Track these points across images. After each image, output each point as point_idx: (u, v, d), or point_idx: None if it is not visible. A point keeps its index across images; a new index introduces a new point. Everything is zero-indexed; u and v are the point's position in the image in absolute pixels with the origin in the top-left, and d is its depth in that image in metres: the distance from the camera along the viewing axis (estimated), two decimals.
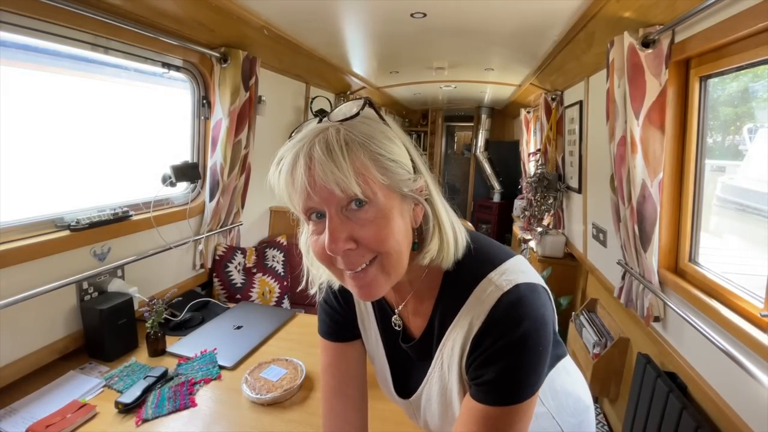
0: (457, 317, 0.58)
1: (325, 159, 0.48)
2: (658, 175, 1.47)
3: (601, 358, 1.96)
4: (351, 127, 0.51)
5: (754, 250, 1.39)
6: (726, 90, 1.46)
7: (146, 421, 1.05)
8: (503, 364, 0.53)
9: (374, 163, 0.51)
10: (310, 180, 0.50)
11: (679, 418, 1.29)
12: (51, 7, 1.13)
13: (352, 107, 0.54)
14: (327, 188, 0.49)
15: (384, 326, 0.71)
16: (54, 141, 1.39)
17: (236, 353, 1.35)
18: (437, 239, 0.57)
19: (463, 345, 0.57)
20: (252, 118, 1.97)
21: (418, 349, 0.66)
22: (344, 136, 0.50)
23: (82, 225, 1.33)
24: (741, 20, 1.09)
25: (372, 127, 0.53)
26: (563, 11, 1.64)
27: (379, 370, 0.76)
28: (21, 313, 1.18)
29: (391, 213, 0.52)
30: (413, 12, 1.72)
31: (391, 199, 0.53)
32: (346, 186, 0.49)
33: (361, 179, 0.49)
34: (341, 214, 0.52)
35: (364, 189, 0.50)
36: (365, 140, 0.51)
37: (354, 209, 0.51)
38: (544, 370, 0.55)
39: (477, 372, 0.55)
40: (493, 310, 0.54)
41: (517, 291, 0.54)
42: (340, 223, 0.51)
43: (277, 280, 2.21)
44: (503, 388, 0.53)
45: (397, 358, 0.72)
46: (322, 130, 0.51)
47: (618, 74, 1.54)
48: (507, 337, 0.52)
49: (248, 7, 1.59)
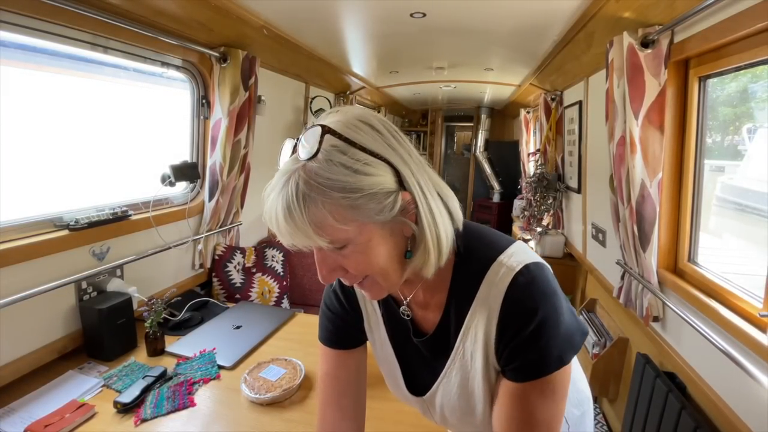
0: (474, 303, 0.60)
1: (286, 223, 0.50)
2: (658, 175, 1.47)
3: (601, 358, 1.96)
4: (311, 173, 0.49)
5: (753, 250, 1.39)
6: (725, 90, 1.46)
7: (145, 420, 1.05)
8: (537, 344, 0.55)
9: (338, 210, 0.50)
10: (282, 234, 0.52)
11: (678, 418, 1.29)
12: (50, 7, 1.12)
13: (312, 141, 0.51)
14: (299, 244, 0.52)
15: (392, 325, 0.71)
16: (53, 141, 1.39)
17: (235, 353, 1.35)
18: (421, 253, 0.57)
19: (486, 330, 0.59)
20: (251, 117, 1.97)
21: (432, 343, 0.66)
22: (302, 190, 0.49)
23: (81, 224, 1.33)
24: (740, 20, 1.09)
25: (333, 165, 0.50)
26: (563, 11, 1.64)
27: (388, 372, 0.75)
28: (20, 312, 1.18)
29: (369, 244, 0.53)
30: (413, 12, 1.72)
31: (367, 232, 0.53)
32: (312, 242, 0.51)
33: (326, 232, 0.50)
34: (322, 252, 0.55)
35: (332, 239, 0.51)
36: (324, 189, 0.49)
37: (333, 248, 0.53)
38: (574, 332, 0.58)
39: (512, 356, 0.57)
40: (510, 290, 0.56)
41: (528, 270, 0.56)
42: (323, 258, 0.55)
43: (277, 280, 2.21)
44: (544, 362, 0.56)
45: (407, 356, 0.72)
46: (287, 180, 0.50)
47: (617, 74, 1.54)
48: (531, 319, 0.54)
49: (248, 7, 1.59)
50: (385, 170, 0.53)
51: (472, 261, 0.60)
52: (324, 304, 0.76)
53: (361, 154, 0.51)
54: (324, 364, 0.75)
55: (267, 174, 0.58)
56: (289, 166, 0.52)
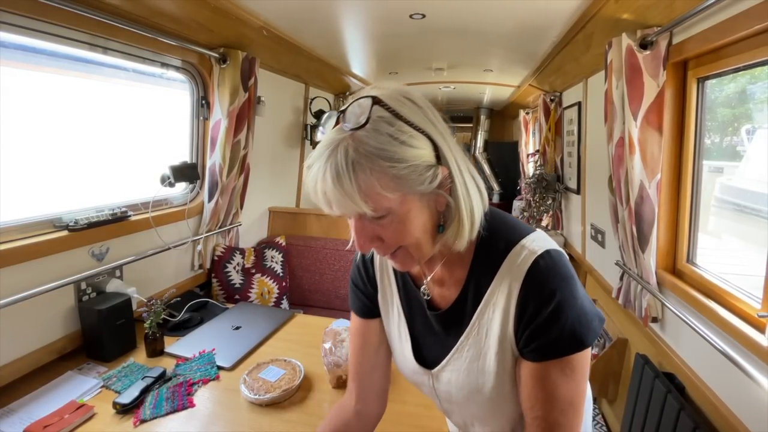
0: (494, 282, 0.62)
1: (334, 187, 0.51)
2: (656, 176, 1.47)
3: (600, 359, 1.96)
4: (359, 141, 0.51)
5: (752, 251, 1.39)
6: (724, 91, 1.47)
7: (144, 421, 1.05)
8: (556, 324, 0.57)
9: (384, 179, 0.52)
10: (327, 201, 0.54)
11: (677, 419, 1.29)
12: (49, 7, 1.12)
13: (360, 112, 0.53)
14: (342, 210, 0.54)
15: (407, 299, 0.74)
16: (52, 141, 1.39)
17: (235, 354, 1.35)
18: (455, 226, 0.59)
19: (505, 308, 0.61)
20: (251, 118, 1.97)
21: (446, 318, 0.68)
22: (352, 157, 0.51)
23: (81, 225, 1.33)
24: (738, 22, 1.09)
25: (381, 135, 0.52)
26: (562, 12, 1.65)
27: (398, 345, 0.77)
28: (19, 313, 1.18)
29: (407, 215, 0.56)
30: (412, 13, 1.72)
31: (406, 203, 0.55)
32: (357, 208, 0.53)
33: (371, 199, 0.52)
34: (362, 221, 0.57)
35: (375, 206, 0.53)
36: (373, 157, 0.51)
37: (372, 218, 0.55)
38: (592, 317, 0.60)
39: (532, 338, 0.59)
40: (531, 272, 0.58)
41: (549, 255, 0.59)
42: (362, 227, 0.57)
43: (276, 281, 2.20)
44: (563, 342, 0.57)
45: (418, 330, 0.73)
46: (333, 149, 0.52)
47: (616, 75, 1.55)
48: (550, 300, 0.57)
49: (247, 8, 1.59)
50: (426, 144, 0.55)
51: (495, 242, 0.62)
52: (350, 279, 0.83)
53: (406, 126, 0.54)
54: (352, 325, 0.84)
55: (267, 174, 0.58)
56: (334, 135, 0.53)
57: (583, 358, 0.59)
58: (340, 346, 1.20)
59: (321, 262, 2.34)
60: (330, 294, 2.32)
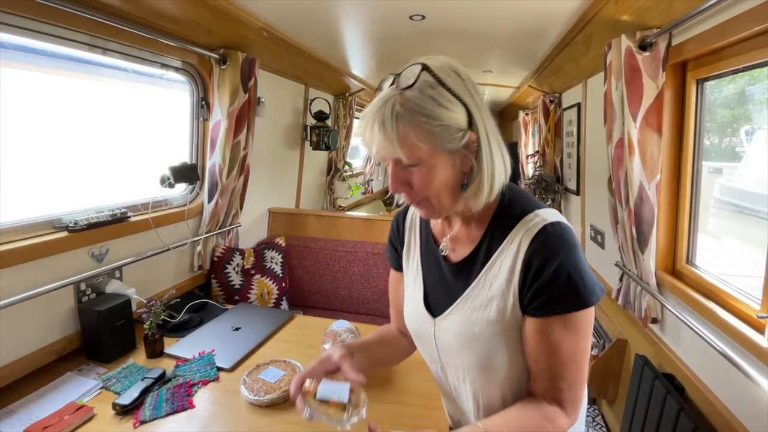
0: (505, 242, 0.69)
1: (379, 134, 0.63)
2: (656, 177, 1.48)
3: (599, 360, 1.96)
4: (405, 99, 0.63)
5: (751, 252, 1.39)
6: (723, 92, 1.47)
7: (144, 422, 1.04)
8: (558, 282, 0.63)
9: (419, 132, 0.62)
10: (371, 144, 0.65)
11: (676, 420, 1.29)
12: (49, 8, 1.12)
13: (411, 75, 0.64)
14: (382, 152, 0.65)
15: (426, 254, 0.83)
16: (52, 142, 1.39)
17: (234, 355, 1.35)
18: (475, 185, 0.67)
19: (511, 265, 0.68)
20: (251, 119, 1.97)
21: (457, 270, 0.75)
22: (397, 110, 0.62)
23: (81, 226, 1.33)
24: (737, 23, 1.10)
25: (424, 96, 0.63)
26: (561, 14, 1.65)
27: (411, 293, 0.85)
28: (18, 314, 1.17)
29: (435, 168, 0.65)
30: (412, 14, 1.73)
31: (436, 156, 0.65)
32: (394, 153, 0.64)
33: (406, 147, 0.63)
34: (398, 166, 0.67)
35: (409, 154, 0.64)
36: (414, 112, 0.62)
37: (405, 165, 0.66)
38: (594, 283, 0.66)
39: (536, 295, 0.65)
40: (539, 235, 0.65)
41: (558, 224, 0.66)
42: (397, 173, 0.67)
43: (276, 282, 2.20)
44: (565, 299, 0.64)
45: (432, 281, 0.81)
46: (384, 102, 0.63)
47: (615, 77, 1.55)
48: (554, 260, 0.63)
49: (247, 9, 1.60)
50: (461, 111, 0.65)
51: (511, 209, 0.71)
52: (388, 236, 0.94)
53: (446, 92, 0.64)
54: (390, 276, 0.96)
55: (267, 175, 0.59)
56: (388, 93, 0.65)
57: (585, 316, 0.65)
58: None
59: (321, 262, 2.34)
60: (330, 295, 2.32)
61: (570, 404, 0.68)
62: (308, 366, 0.74)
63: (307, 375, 0.73)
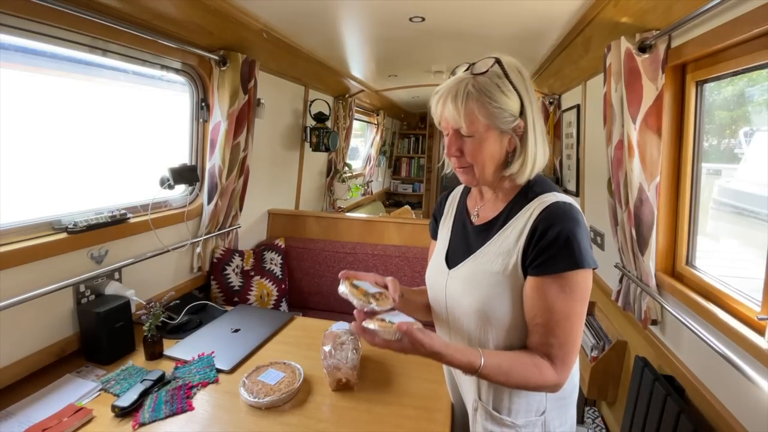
0: (522, 211, 0.82)
1: (451, 105, 0.79)
2: (655, 179, 1.48)
3: (599, 361, 1.96)
4: (476, 81, 0.78)
5: (751, 253, 1.39)
6: (721, 94, 1.47)
7: (143, 425, 1.04)
8: (557, 244, 0.74)
9: (482, 109, 0.78)
10: (441, 113, 0.82)
11: (676, 422, 1.29)
12: (49, 10, 1.13)
13: (484, 65, 0.80)
14: (449, 121, 0.81)
15: (457, 220, 0.98)
16: (52, 143, 1.39)
17: (234, 356, 1.35)
18: (517, 165, 0.82)
19: (521, 229, 0.80)
20: (251, 120, 1.97)
21: (479, 230, 0.89)
22: (468, 90, 0.77)
23: (80, 227, 1.33)
24: (737, 26, 1.10)
25: (491, 83, 0.78)
26: (561, 16, 1.65)
27: (437, 253, 0.99)
28: (17, 315, 1.17)
29: (486, 141, 0.80)
30: (412, 16, 1.73)
31: (489, 132, 0.80)
32: (458, 123, 0.79)
33: (469, 120, 0.78)
34: (456, 135, 0.82)
35: (469, 126, 0.79)
36: (481, 93, 0.77)
37: (463, 135, 0.81)
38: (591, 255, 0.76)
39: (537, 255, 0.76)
40: (550, 206, 0.78)
41: (571, 205, 0.78)
42: (455, 140, 0.82)
43: (275, 283, 2.20)
44: (562, 259, 0.74)
45: (454, 243, 0.95)
46: (458, 82, 0.79)
47: (615, 78, 1.55)
48: (555, 227, 0.74)
49: (247, 10, 1.60)
50: (516, 101, 0.80)
51: (534, 187, 0.84)
52: (432, 212, 1.09)
53: (509, 84, 0.79)
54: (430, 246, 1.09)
55: (266, 176, 0.59)
56: (462, 75, 0.80)
57: (579, 280, 0.75)
58: (339, 349, 1.20)
59: (320, 264, 2.34)
60: (329, 296, 2.31)
61: (560, 362, 0.76)
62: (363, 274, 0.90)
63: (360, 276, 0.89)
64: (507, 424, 0.87)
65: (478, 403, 0.91)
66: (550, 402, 0.87)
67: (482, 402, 0.90)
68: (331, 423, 1.06)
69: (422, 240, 2.34)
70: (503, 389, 0.86)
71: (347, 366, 1.17)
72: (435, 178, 6.60)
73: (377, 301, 0.81)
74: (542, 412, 0.87)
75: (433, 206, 1.08)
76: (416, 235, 2.37)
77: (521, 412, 0.86)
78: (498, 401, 0.87)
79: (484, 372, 0.75)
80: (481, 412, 0.91)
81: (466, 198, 0.99)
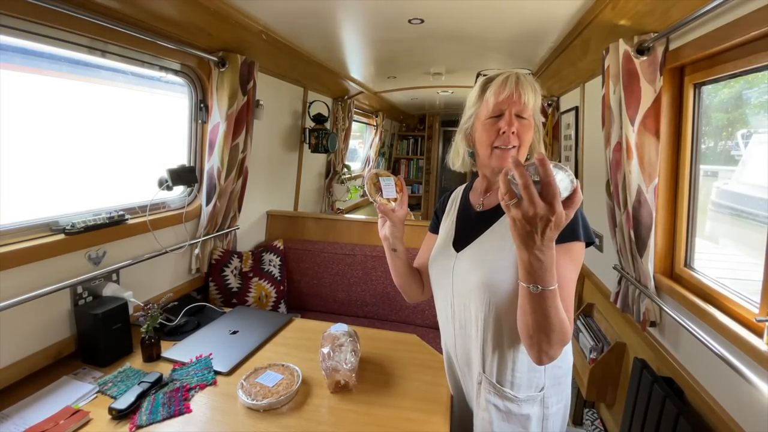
0: None
1: (530, 91, 0.90)
2: (654, 181, 1.48)
3: (598, 363, 1.96)
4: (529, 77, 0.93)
5: (749, 255, 1.39)
6: (718, 96, 1.48)
7: (140, 427, 1.03)
8: None
9: (538, 102, 0.93)
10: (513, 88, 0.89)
11: (675, 423, 1.29)
12: (48, 11, 1.12)
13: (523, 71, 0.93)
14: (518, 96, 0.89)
15: (462, 211, 1.07)
16: (50, 144, 1.39)
17: (232, 358, 1.34)
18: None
19: None
20: (250, 122, 1.97)
21: (482, 216, 0.99)
22: (535, 85, 0.92)
23: (78, 229, 1.32)
24: (735, 28, 1.10)
25: (535, 82, 0.93)
26: (559, 18, 1.66)
27: (443, 239, 1.07)
28: (14, 317, 1.17)
29: (530, 127, 0.93)
30: (411, 18, 1.73)
31: (533, 120, 0.93)
32: (524, 106, 0.90)
33: (530, 101, 0.90)
34: (515, 117, 0.91)
35: (528, 107, 0.90)
36: (536, 87, 0.92)
37: (521, 117, 0.91)
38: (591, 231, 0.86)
39: None
40: None
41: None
42: (512, 120, 0.91)
43: (274, 285, 2.20)
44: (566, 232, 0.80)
45: (460, 229, 1.03)
46: (527, 74, 0.92)
47: (613, 81, 1.56)
48: None
49: (247, 12, 1.60)
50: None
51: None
52: (434, 209, 1.21)
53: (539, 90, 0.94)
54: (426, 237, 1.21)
55: (265, 178, 0.59)
56: (513, 70, 0.92)
57: (580, 251, 0.85)
58: (338, 351, 1.20)
59: (319, 265, 2.34)
60: (328, 298, 2.31)
61: None
62: None
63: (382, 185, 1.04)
64: (509, 397, 0.93)
65: (482, 376, 0.96)
66: (548, 380, 0.95)
67: (486, 375, 0.95)
68: (330, 425, 1.06)
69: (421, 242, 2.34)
70: (507, 363, 0.92)
71: (346, 368, 1.17)
72: (434, 180, 6.60)
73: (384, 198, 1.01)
74: (541, 388, 0.94)
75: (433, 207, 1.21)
76: (415, 237, 2.37)
77: (523, 387, 0.93)
78: (501, 375, 0.93)
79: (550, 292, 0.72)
80: (485, 386, 0.95)
81: (469, 194, 1.09)
